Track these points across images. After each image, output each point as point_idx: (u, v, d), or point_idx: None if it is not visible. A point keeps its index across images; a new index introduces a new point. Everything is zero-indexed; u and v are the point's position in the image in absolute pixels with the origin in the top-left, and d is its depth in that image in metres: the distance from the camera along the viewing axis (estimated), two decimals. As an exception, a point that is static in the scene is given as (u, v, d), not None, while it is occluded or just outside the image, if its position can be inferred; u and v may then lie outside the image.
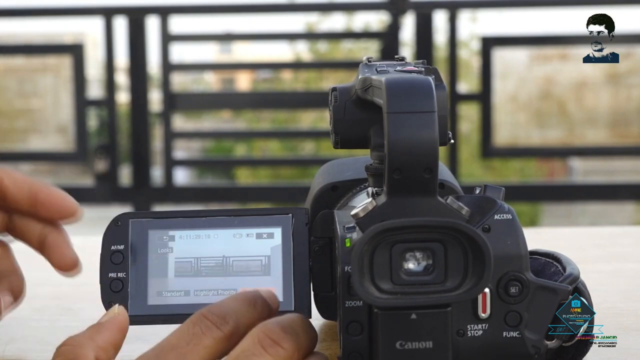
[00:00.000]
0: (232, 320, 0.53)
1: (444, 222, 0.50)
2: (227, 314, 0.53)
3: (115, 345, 0.54)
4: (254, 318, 0.54)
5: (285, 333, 0.52)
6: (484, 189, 0.58)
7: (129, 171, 3.43)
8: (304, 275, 0.66)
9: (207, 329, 0.52)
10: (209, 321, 0.52)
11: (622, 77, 3.33)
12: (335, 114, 0.63)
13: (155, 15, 3.29)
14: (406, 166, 0.51)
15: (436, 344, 0.52)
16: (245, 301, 0.55)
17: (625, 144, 3.35)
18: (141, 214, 0.67)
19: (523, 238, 0.56)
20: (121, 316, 0.55)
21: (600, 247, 1.03)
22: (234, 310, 0.54)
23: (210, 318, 0.53)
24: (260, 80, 7.77)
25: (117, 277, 0.66)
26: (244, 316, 0.54)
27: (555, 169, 7.09)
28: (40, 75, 3.43)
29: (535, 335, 0.56)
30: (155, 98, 3.60)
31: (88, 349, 0.52)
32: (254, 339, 0.51)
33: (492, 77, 3.24)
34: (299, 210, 0.67)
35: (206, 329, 0.52)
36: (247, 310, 0.54)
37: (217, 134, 5.49)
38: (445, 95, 0.58)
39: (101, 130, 5.63)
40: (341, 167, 0.72)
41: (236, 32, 3.95)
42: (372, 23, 5.60)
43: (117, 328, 0.55)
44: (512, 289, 0.55)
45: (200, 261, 0.66)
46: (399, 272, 0.51)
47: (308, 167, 4.62)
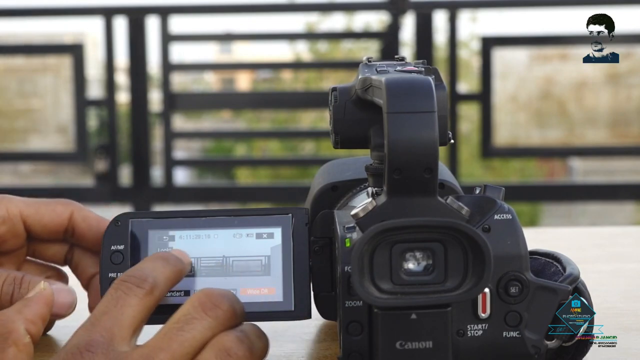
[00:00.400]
0: (150, 277, 0.56)
1: (444, 222, 0.50)
2: (144, 273, 0.56)
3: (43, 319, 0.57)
4: (170, 272, 0.57)
5: (223, 297, 0.55)
6: (484, 189, 0.58)
7: (129, 171, 3.43)
8: (304, 275, 0.66)
9: (128, 290, 0.55)
10: (128, 283, 0.55)
11: (622, 77, 3.33)
12: (335, 114, 0.63)
13: (155, 15, 3.29)
14: (406, 166, 0.51)
15: (436, 344, 0.52)
16: (158, 258, 0.58)
17: (625, 144, 3.35)
18: (141, 214, 0.67)
19: (523, 238, 0.56)
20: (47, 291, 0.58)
21: (600, 247, 1.03)
22: (149, 268, 0.56)
23: (129, 280, 0.55)
24: (260, 80, 7.77)
25: (117, 277, 0.66)
26: (159, 271, 0.57)
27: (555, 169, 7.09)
28: (40, 75, 3.43)
29: (535, 335, 0.56)
30: (155, 98, 3.60)
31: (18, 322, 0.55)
32: (194, 303, 0.54)
33: (492, 77, 3.24)
34: (299, 210, 0.67)
35: (128, 290, 0.55)
36: (162, 266, 0.57)
37: (217, 134, 5.49)
38: (445, 95, 0.58)
39: (101, 130, 5.63)
40: (341, 167, 0.72)
41: (236, 32, 3.95)
42: (372, 23, 5.60)
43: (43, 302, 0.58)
44: (512, 289, 0.55)
45: (200, 261, 0.66)
46: (399, 272, 0.51)
47: (308, 167, 4.62)
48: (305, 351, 0.69)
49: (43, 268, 0.73)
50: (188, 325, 0.53)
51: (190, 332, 0.53)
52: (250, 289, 0.65)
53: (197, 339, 0.53)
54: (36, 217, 0.70)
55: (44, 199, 0.72)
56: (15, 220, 0.70)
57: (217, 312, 0.54)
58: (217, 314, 0.54)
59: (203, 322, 0.53)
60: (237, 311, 0.55)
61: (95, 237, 0.71)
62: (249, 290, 0.65)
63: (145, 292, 0.55)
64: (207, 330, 0.53)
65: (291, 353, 0.68)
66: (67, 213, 0.71)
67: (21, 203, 0.70)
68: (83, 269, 0.72)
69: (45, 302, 0.58)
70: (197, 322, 0.53)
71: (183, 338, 0.53)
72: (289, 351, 0.68)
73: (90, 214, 0.71)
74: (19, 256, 0.72)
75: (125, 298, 0.54)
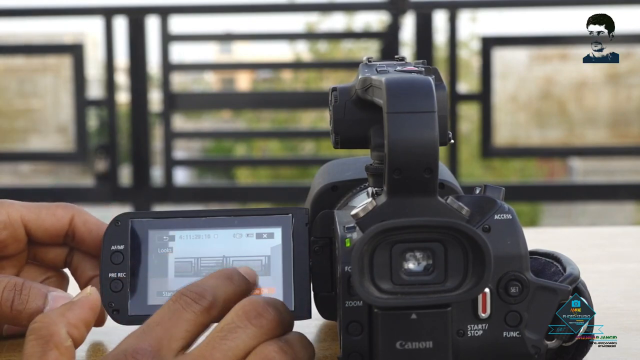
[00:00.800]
0: (209, 295, 0.55)
1: (444, 222, 0.50)
2: (204, 290, 0.55)
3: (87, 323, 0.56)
4: (232, 292, 0.56)
5: (268, 306, 0.54)
6: (484, 189, 0.58)
7: (129, 171, 3.43)
8: (304, 275, 0.66)
9: (186, 305, 0.54)
10: (187, 297, 0.55)
11: (622, 77, 3.33)
12: (335, 114, 0.63)
13: (155, 15, 3.28)
14: (406, 166, 0.51)
15: (436, 344, 0.52)
16: (222, 276, 0.57)
17: (625, 144, 3.35)
18: (141, 214, 0.67)
19: (523, 238, 0.56)
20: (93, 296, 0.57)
21: (600, 247, 1.03)
22: (211, 285, 0.56)
23: (189, 295, 0.55)
24: (260, 80, 7.77)
25: (117, 277, 0.66)
26: (221, 290, 0.56)
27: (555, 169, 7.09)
28: (40, 75, 3.43)
29: (535, 335, 0.56)
30: (155, 98, 3.60)
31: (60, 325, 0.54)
32: (238, 312, 0.54)
33: (492, 77, 3.24)
34: (299, 210, 0.67)
35: (186, 305, 0.54)
36: (225, 285, 0.56)
37: (217, 134, 5.49)
38: (445, 95, 0.58)
39: (101, 130, 5.63)
40: (341, 167, 0.72)
41: (236, 32, 3.95)
42: (372, 23, 5.60)
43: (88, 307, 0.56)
44: (512, 289, 0.55)
45: (200, 261, 0.66)
46: (399, 272, 0.51)
47: (308, 167, 4.62)
48: (305, 351, 0.69)
49: (44, 271, 0.73)
50: (231, 334, 0.53)
51: (234, 341, 0.52)
52: (232, 270, 0.65)
53: (241, 348, 0.53)
54: (37, 222, 0.70)
55: (45, 203, 0.72)
56: (16, 225, 0.70)
57: (261, 321, 0.53)
58: (262, 323, 0.53)
59: (247, 331, 0.53)
60: (283, 320, 0.55)
61: (95, 240, 0.71)
62: (249, 290, 0.65)
63: (203, 308, 0.54)
64: (251, 340, 0.53)
65: (291, 353, 0.68)
66: (68, 217, 0.71)
67: (22, 208, 0.71)
68: (82, 271, 0.72)
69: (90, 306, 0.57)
70: (241, 331, 0.53)
71: (226, 347, 0.52)
72: (289, 351, 0.68)
73: (90, 217, 0.71)
74: (20, 260, 0.72)
75: (182, 312, 0.54)
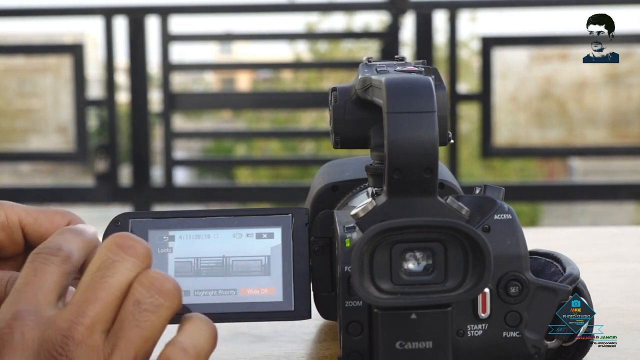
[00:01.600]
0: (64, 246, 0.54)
1: (444, 222, 0.50)
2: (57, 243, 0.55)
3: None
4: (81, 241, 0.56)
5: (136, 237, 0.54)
6: (484, 189, 0.58)
7: (129, 171, 3.43)
8: (304, 275, 0.66)
9: (45, 260, 0.53)
10: (43, 254, 0.54)
11: (622, 77, 3.33)
12: (335, 114, 0.63)
13: (155, 15, 3.28)
14: (406, 166, 0.51)
15: (436, 344, 0.52)
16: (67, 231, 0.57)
17: (625, 144, 3.35)
18: (141, 214, 0.67)
19: (523, 238, 0.56)
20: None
21: (600, 247, 1.03)
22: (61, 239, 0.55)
23: (44, 251, 0.54)
24: (260, 80, 7.77)
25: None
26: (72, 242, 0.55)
27: (555, 169, 7.09)
28: (40, 75, 3.43)
29: (535, 335, 0.56)
30: (155, 98, 3.60)
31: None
32: (110, 246, 0.53)
33: (492, 77, 3.24)
34: (299, 210, 0.67)
35: (44, 260, 0.53)
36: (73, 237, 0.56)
37: (217, 134, 5.48)
38: (445, 95, 0.58)
39: (101, 130, 5.63)
40: (341, 167, 0.72)
41: (236, 32, 3.95)
42: (372, 23, 5.60)
43: None
44: (512, 289, 0.55)
45: (200, 261, 0.66)
46: (399, 272, 0.51)
47: (308, 167, 4.62)
48: (305, 351, 0.69)
49: None
50: (110, 270, 0.52)
51: (114, 276, 0.51)
52: (250, 289, 0.65)
53: (122, 281, 0.51)
54: (34, 226, 0.70)
55: (44, 208, 0.72)
56: (14, 227, 0.70)
57: (136, 251, 0.52)
58: (137, 253, 0.52)
59: (125, 263, 0.52)
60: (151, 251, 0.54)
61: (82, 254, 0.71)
62: (248, 290, 0.65)
63: (62, 259, 0.54)
64: (130, 272, 0.52)
65: (291, 353, 0.68)
66: (64, 224, 0.71)
67: (21, 211, 0.71)
68: None
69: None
70: (119, 265, 0.52)
71: (108, 284, 0.51)
72: (289, 351, 0.68)
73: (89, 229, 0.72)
74: (17, 261, 0.72)
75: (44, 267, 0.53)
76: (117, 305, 0.51)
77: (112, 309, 0.51)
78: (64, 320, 0.50)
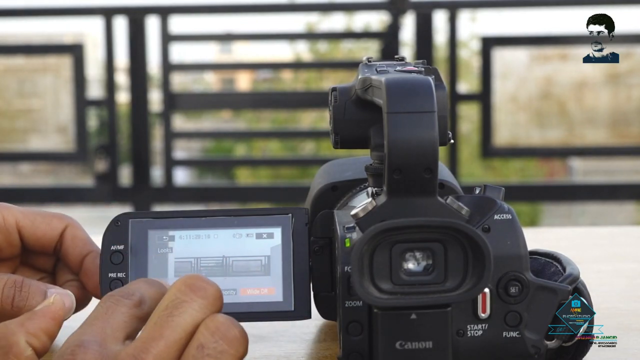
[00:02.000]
0: (136, 292, 0.54)
1: (444, 222, 0.50)
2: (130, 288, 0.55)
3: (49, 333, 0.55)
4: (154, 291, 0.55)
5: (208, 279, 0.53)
6: (483, 189, 0.58)
7: (129, 171, 3.43)
8: (304, 275, 0.66)
9: (117, 301, 0.53)
10: (116, 296, 0.54)
11: (622, 77, 3.33)
12: (335, 114, 0.63)
13: (155, 15, 3.28)
14: (406, 166, 0.51)
15: (436, 344, 0.52)
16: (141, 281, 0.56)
17: (625, 144, 3.35)
18: (141, 214, 0.67)
19: (523, 238, 0.56)
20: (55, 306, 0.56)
21: (600, 247, 1.03)
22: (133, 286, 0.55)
23: (117, 293, 0.54)
24: (260, 80, 7.77)
25: (117, 277, 0.66)
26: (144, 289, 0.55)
27: (555, 169, 7.09)
28: (40, 75, 3.43)
29: (535, 335, 0.56)
30: (155, 98, 3.60)
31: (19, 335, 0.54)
32: (180, 287, 0.53)
33: (492, 77, 3.24)
34: (298, 210, 0.67)
35: (116, 301, 0.53)
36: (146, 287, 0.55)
37: (217, 134, 5.48)
38: (445, 95, 0.58)
39: (101, 130, 5.63)
40: (341, 167, 0.72)
41: (236, 32, 3.95)
42: (372, 23, 5.60)
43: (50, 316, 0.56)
44: (512, 289, 0.55)
45: (200, 261, 0.66)
46: (399, 272, 0.51)
47: (308, 167, 4.62)
48: (305, 351, 0.69)
49: (37, 272, 0.74)
50: (177, 310, 0.51)
51: (181, 315, 0.51)
52: (250, 289, 0.65)
53: (189, 322, 0.51)
54: (31, 229, 0.71)
55: (42, 211, 0.72)
56: (11, 229, 0.70)
57: (205, 292, 0.52)
58: (206, 294, 0.52)
59: (193, 304, 0.52)
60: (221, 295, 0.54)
61: (76, 257, 0.71)
62: (248, 290, 0.65)
63: (134, 302, 0.53)
64: (198, 313, 0.52)
65: (291, 353, 0.68)
66: (61, 228, 0.71)
67: (19, 213, 0.71)
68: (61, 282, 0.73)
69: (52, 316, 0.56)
70: (187, 305, 0.52)
71: (175, 323, 0.51)
72: (289, 351, 0.68)
73: (80, 233, 0.72)
74: (14, 261, 0.72)
75: (115, 307, 0.53)
76: (181, 346, 0.51)
77: (176, 348, 0.51)
78: (127, 354, 0.50)
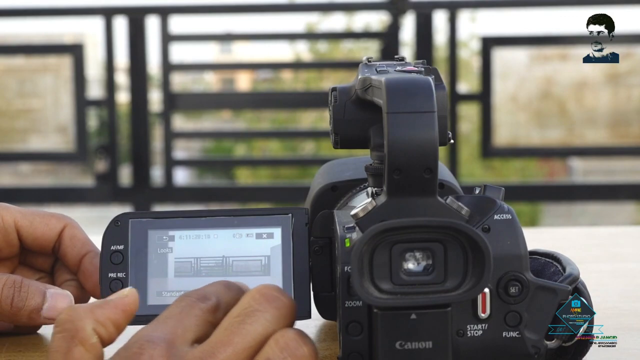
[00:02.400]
0: (213, 297, 0.54)
1: (444, 222, 0.50)
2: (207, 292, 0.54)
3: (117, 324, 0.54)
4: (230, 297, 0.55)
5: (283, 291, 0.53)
6: (483, 189, 0.58)
7: (129, 171, 3.43)
8: (304, 275, 0.66)
9: (192, 303, 0.53)
10: (192, 297, 0.53)
11: (622, 77, 3.33)
12: (335, 114, 0.63)
13: (155, 15, 3.28)
14: (406, 166, 0.51)
15: (436, 344, 0.52)
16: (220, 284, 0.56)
17: (625, 144, 3.35)
18: (141, 214, 0.67)
19: (523, 238, 0.56)
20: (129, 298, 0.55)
21: (600, 247, 1.03)
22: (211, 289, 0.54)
23: (193, 295, 0.53)
24: (260, 80, 7.77)
25: (117, 277, 0.66)
26: (221, 294, 0.54)
27: (555, 169, 7.09)
28: (40, 75, 3.43)
29: (535, 335, 0.56)
30: (155, 98, 3.60)
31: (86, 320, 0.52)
32: (255, 295, 0.52)
33: (492, 77, 3.24)
34: (298, 210, 0.67)
35: (192, 303, 0.53)
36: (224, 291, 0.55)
37: (217, 134, 5.49)
38: (445, 95, 0.58)
39: (101, 130, 5.63)
40: (341, 167, 0.72)
41: (236, 32, 3.95)
42: (372, 23, 5.60)
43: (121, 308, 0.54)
44: (512, 289, 0.55)
45: (200, 261, 0.66)
46: (399, 272, 0.51)
47: (308, 167, 4.62)
48: (305, 351, 0.68)
49: (35, 272, 0.74)
50: (250, 318, 0.51)
51: (253, 324, 0.51)
52: (250, 289, 0.65)
53: (259, 332, 0.51)
54: (29, 229, 0.71)
55: (41, 211, 0.72)
56: (9, 229, 0.70)
57: (279, 303, 0.52)
58: (280, 306, 0.52)
59: (266, 314, 0.51)
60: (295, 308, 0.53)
61: (75, 257, 0.71)
62: (248, 290, 0.65)
63: (208, 307, 0.53)
64: (270, 324, 0.51)
65: (291, 353, 0.68)
66: (59, 228, 0.71)
67: (17, 213, 0.71)
68: (60, 282, 0.73)
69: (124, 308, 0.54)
70: (260, 314, 0.51)
71: (245, 331, 0.50)
72: (288, 351, 0.68)
73: (78, 233, 0.72)
74: (13, 260, 0.72)
75: (189, 309, 0.52)
76: (249, 355, 0.50)
77: (244, 357, 0.50)
78: (194, 357, 0.50)
